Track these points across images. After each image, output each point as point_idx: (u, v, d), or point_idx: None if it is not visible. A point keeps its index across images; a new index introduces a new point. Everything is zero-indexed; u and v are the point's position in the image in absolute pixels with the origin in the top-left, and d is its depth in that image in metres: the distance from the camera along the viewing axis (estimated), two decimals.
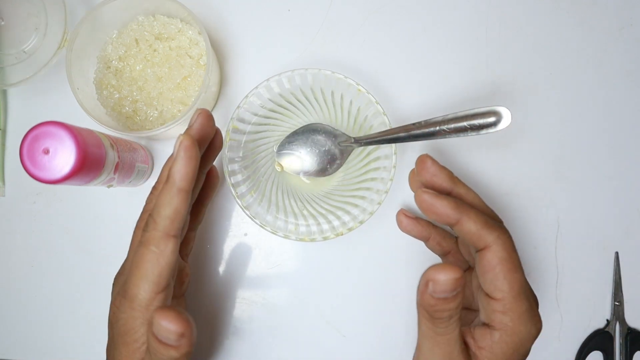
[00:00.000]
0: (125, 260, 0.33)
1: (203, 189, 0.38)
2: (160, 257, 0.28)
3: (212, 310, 0.43)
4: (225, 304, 0.43)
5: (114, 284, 0.33)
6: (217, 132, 0.34)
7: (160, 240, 0.28)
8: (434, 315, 0.28)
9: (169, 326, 0.26)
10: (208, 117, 0.32)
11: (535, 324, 0.30)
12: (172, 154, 0.30)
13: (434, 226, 0.40)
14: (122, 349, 0.30)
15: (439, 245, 0.39)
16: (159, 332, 0.27)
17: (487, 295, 0.31)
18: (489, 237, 0.30)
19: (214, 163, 0.38)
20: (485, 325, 0.31)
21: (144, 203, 0.34)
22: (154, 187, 0.34)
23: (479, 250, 0.31)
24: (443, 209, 0.31)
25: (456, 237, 0.39)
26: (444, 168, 0.34)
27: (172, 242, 0.29)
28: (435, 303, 0.27)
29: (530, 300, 0.31)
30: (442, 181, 0.33)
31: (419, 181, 0.35)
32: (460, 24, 0.45)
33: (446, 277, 0.27)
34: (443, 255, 0.39)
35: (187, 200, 0.29)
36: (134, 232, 0.33)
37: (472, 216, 0.31)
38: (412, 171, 0.36)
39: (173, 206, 0.28)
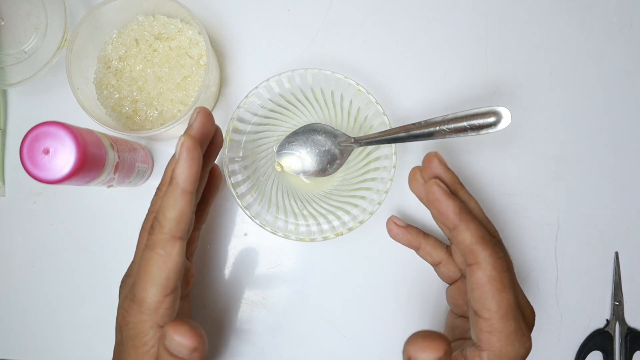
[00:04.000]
0: (132, 263, 0.33)
1: (206, 188, 0.38)
2: (167, 260, 0.28)
3: (212, 310, 0.43)
4: (225, 304, 0.43)
5: (121, 287, 0.32)
6: (217, 130, 0.34)
7: (167, 243, 0.28)
8: None
9: (182, 341, 0.26)
10: (207, 115, 0.32)
11: (523, 345, 0.30)
12: (174, 154, 0.30)
13: (425, 235, 0.39)
14: (131, 352, 0.29)
15: (429, 255, 0.38)
16: (171, 345, 0.27)
17: (475, 313, 0.30)
18: (480, 254, 0.30)
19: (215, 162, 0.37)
20: (475, 346, 0.31)
21: (149, 204, 0.33)
22: (158, 188, 0.33)
23: (469, 264, 0.31)
24: (446, 208, 0.31)
25: (447, 246, 0.38)
26: (449, 170, 0.33)
27: (179, 244, 0.28)
28: None
29: (518, 321, 0.30)
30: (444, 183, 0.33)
31: (422, 178, 0.34)
32: (460, 23, 0.45)
33: (429, 358, 0.27)
34: (434, 265, 0.38)
35: (192, 202, 0.29)
36: (140, 233, 0.33)
37: (471, 227, 0.30)
38: (414, 169, 0.35)
39: (178, 208, 0.28)
